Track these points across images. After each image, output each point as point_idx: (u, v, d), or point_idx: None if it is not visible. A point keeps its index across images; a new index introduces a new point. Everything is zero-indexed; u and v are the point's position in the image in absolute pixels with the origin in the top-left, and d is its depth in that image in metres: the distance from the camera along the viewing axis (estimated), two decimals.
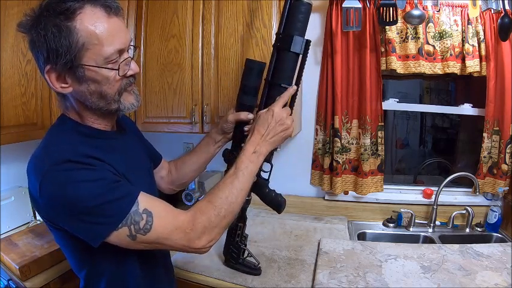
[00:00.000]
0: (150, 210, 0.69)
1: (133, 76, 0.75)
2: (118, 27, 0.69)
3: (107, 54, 0.67)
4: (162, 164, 1.12)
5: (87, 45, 0.65)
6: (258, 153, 0.85)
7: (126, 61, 0.72)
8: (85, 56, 0.66)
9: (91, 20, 0.65)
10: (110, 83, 0.70)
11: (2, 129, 1.24)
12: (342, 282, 1.10)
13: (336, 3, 1.50)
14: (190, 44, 1.46)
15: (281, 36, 0.96)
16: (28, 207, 1.60)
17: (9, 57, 1.25)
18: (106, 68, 0.68)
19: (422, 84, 2.58)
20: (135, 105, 0.77)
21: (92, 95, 0.71)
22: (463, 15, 1.46)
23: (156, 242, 0.71)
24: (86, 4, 0.65)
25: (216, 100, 1.46)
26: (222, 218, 0.75)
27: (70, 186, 0.63)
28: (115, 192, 0.67)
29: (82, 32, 0.64)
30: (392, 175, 2.64)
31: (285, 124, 0.89)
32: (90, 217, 0.65)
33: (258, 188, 1.08)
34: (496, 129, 1.53)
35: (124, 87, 0.74)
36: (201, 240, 0.73)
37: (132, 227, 0.67)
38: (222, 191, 0.78)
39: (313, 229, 1.56)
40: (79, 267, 0.80)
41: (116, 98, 0.73)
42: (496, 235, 1.54)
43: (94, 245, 0.67)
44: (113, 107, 0.74)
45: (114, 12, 0.68)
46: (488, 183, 1.58)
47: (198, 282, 1.20)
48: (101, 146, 0.75)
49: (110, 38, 0.67)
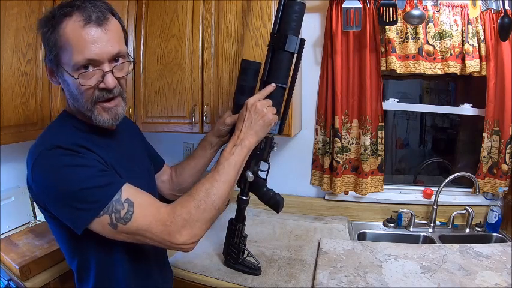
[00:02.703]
0: (132, 200, 0.70)
1: (106, 90, 0.73)
2: (95, 38, 0.69)
3: (74, 61, 0.69)
4: (164, 168, 1.14)
5: (63, 49, 0.70)
6: (240, 146, 0.86)
7: (94, 73, 0.71)
8: (62, 58, 0.71)
9: (70, 27, 0.69)
10: (77, 89, 0.72)
11: (2, 129, 1.24)
12: (342, 282, 1.10)
13: (336, 3, 1.50)
14: (190, 44, 1.46)
15: (276, 36, 0.96)
16: (28, 207, 1.61)
17: (9, 57, 1.26)
18: (68, 74, 0.71)
19: (422, 84, 2.57)
20: (108, 123, 0.77)
21: (70, 96, 0.76)
22: (463, 15, 1.46)
23: (137, 234, 0.71)
24: (76, 11, 0.69)
25: (216, 100, 1.46)
26: (202, 211, 0.74)
27: (57, 170, 0.67)
28: (99, 180, 0.69)
29: (62, 37, 0.69)
30: (392, 175, 2.64)
31: (261, 112, 0.89)
32: (73, 202, 0.67)
33: (256, 188, 1.08)
34: (496, 129, 1.53)
35: (96, 99, 0.73)
36: (181, 234, 0.72)
37: (113, 215, 0.68)
38: (202, 185, 0.78)
39: (313, 229, 1.56)
40: (70, 258, 0.82)
41: (89, 106, 0.74)
42: (496, 235, 1.54)
43: (78, 232, 0.69)
44: (86, 113, 0.75)
45: (95, 22, 0.69)
46: (488, 183, 1.58)
47: (197, 282, 1.20)
48: (94, 140, 0.77)
49: (80, 47, 0.68)
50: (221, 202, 0.79)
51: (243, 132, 0.88)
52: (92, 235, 0.70)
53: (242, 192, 1.12)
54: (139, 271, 0.87)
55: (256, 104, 0.89)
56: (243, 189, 1.11)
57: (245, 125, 0.89)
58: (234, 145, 0.86)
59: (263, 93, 0.93)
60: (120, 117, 0.79)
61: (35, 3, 1.32)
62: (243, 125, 0.89)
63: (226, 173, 0.81)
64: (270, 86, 0.95)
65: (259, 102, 0.90)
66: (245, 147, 0.86)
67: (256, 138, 0.90)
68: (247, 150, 0.87)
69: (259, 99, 0.91)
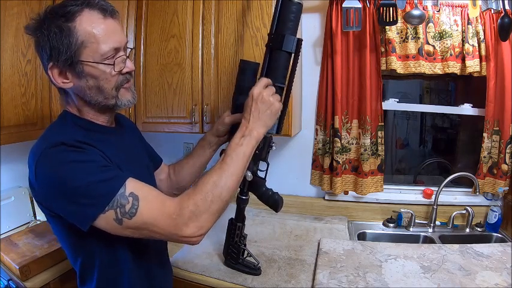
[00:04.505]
0: (136, 194, 0.70)
1: (129, 73, 0.80)
2: (113, 27, 0.75)
3: (103, 51, 0.73)
4: (162, 167, 1.13)
5: (86, 44, 0.72)
6: (249, 136, 0.84)
7: (122, 59, 0.77)
8: (83, 53, 0.72)
9: (88, 21, 0.71)
10: (107, 78, 0.76)
11: (2, 129, 1.24)
12: (342, 282, 1.10)
13: (336, 3, 1.50)
14: (190, 44, 1.46)
15: (273, 36, 0.97)
16: (28, 207, 1.61)
17: (9, 57, 1.26)
18: (103, 64, 0.74)
19: (422, 84, 2.57)
20: (131, 102, 0.83)
21: (91, 90, 0.76)
22: (463, 15, 1.46)
23: (143, 228, 0.70)
24: (85, 8, 0.72)
25: (216, 100, 1.46)
26: (209, 202, 0.73)
27: (61, 166, 0.68)
28: (103, 174, 0.69)
29: (81, 32, 0.71)
30: (393, 175, 2.64)
31: (267, 102, 0.87)
32: (78, 198, 0.67)
33: (255, 187, 1.08)
34: (496, 129, 1.53)
35: (120, 84, 0.79)
36: (188, 227, 0.71)
37: (118, 210, 0.68)
38: (209, 176, 0.77)
39: (313, 229, 1.56)
40: (74, 257, 0.81)
41: (114, 93, 0.78)
42: (496, 235, 1.54)
43: (83, 228, 0.69)
44: (110, 102, 0.79)
45: (109, 14, 0.75)
46: (488, 183, 1.58)
47: (197, 282, 1.20)
48: (96, 137, 0.78)
49: (105, 37, 0.73)
50: (228, 194, 0.78)
51: (251, 122, 0.86)
52: (95, 233, 0.70)
53: (242, 192, 1.13)
54: (141, 269, 0.87)
55: (263, 94, 0.87)
56: (243, 189, 1.11)
57: (253, 116, 0.86)
58: (242, 136, 0.84)
59: (265, 82, 0.90)
60: (136, 97, 0.85)
61: (35, 3, 1.32)
62: (250, 116, 0.86)
63: (235, 165, 0.80)
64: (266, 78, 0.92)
65: (265, 92, 0.88)
66: (253, 138, 0.85)
67: (265, 128, 0.88)
68: (256, 141, 0.86)
69: (263, 88, 0.89)
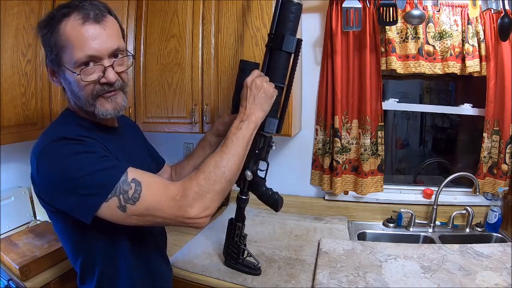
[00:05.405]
0: (139, 180, 0.70)
1: (108, 84, 0.75)
2: (94, 34, 0.71)
3: (76, 58, 0.71)
4: (164, 168, 1.14)
5: (64, 48, 0.71)
6: (247, 121, 0.87)
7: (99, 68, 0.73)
8: (63, 57, 0.72)
9: (70, 26, 0.70)
10: (79, 85, 0.73)
11: (2, 129, 1.24)
12: (342, 282, 1.10)
13: (336, 3, 1.50)
14: (190, 44, 1.46)
15: (273, 36, 0.97)
16: (28, 207, 1.60)
17: (9, 57, 1.26)
18: (71, 71, 0.72)
19: (422, 84, 2.57)
20: (111, 114, 0.78)
21: (72, 94, 0.77)
22: (463, 15, 1.46)
23: (147, 214, 0.70)
24: (74, 11, 0.71)
25: (216, 100, 1.46)
26: (212, 182, 0.74)
27: (62, 160, 0.68)
28: (104, 163, 0.70)
29: (62, 36, 0.71)
30: (393, 175, 2.64)
31: (260, 86, 0.90)
32: (79, 189, 0.67)
33: (254, 187, 1.09)
34: (496, 129, 1.53)
35: (97, 93, 0.75)
36: (193, 208, 0.71)
37: (121, 196, 0.68)
38: (211, 158, 0.78)
39: (313, 229, 1.56)
40: (75, 256, 0.81)
41: (90, 101, 0.75)
42: (496, 235, 1.54)
43: (86, 221, 0.68)
44: (89, 108, 0.76)
45: (93, 20, 0.71)
46: (488, 183, 1.58)
47: (197, 282, 1.20)
48: (98, 135, 0.78)
49: (80, 44, 0.70)
50: (231, 174, 0.78)
51: (248, 108, 0.89)
52: (97, 229, 0.70)
53: (241, 192, 1.13)
54: (141, 268, 0.87)
55: (256, 80, 0.91)
56: (242, 189, 1.12)
57: (249, 101, 0.89)
58: (241, 121, 0.87)
59: (258, 73, 0.95)
60: (121, 109, 0.79)
61: (35, 3, 1.32)
62: (246, 102, 0.90)
63: (235, 146, 0.81)
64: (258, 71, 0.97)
65: (258, 79, 0.91)
66: (252, 122, 0.87)
67: (262, 112, 0.90)
68: (255, 126, 0.88)
69: (256, 77, 0.92)
